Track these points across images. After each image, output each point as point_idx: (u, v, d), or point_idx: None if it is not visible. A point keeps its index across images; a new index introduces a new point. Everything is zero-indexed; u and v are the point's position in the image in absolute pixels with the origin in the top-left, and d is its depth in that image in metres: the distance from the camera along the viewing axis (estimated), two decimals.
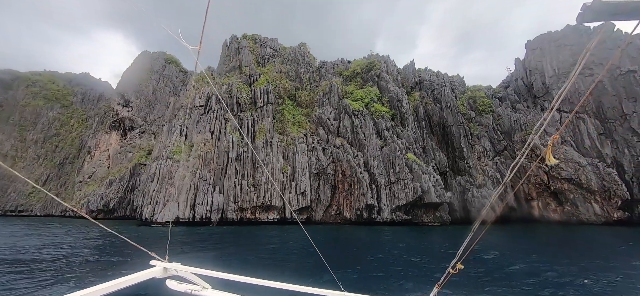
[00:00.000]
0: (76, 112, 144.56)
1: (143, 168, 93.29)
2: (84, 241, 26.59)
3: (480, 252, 18.45)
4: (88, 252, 20.44)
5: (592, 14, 1.10)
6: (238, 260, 18.51)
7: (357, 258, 19.27)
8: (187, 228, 41.22)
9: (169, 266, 2.41)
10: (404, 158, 47.36)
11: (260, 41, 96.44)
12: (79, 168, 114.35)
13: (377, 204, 47.44)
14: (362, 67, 71.46)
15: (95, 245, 23.94)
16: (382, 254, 20.36)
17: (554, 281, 12.18)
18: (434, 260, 17.52)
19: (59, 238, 28.69)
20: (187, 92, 67.54)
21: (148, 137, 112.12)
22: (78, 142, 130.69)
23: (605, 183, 39.38)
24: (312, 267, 15.73)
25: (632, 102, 40.44)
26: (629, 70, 41.24)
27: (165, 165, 45.28)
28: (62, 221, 61.27)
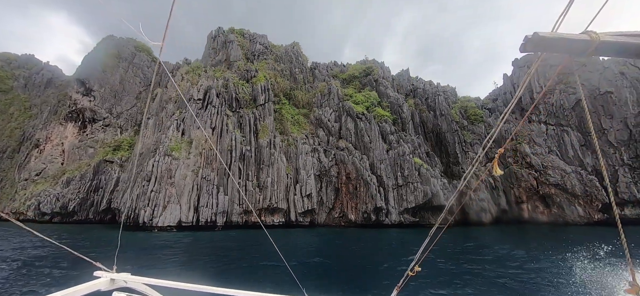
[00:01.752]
0: (17, 99, 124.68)
1: (110, 166, 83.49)
2: (21, 251, 21.57)
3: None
4: (21, 264, 16.97)
5: (531, 46, 1.27)
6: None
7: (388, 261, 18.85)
8: (192, 233, 37.33)
9: (116, 277, 2.20)
10: (412, 162, 48.64)
11: (249, 36, 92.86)
12: (21, 163, 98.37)
13: (385, 206, 47.92)
14: (360, 71, 72.27)
15: (35, 255, 19.89)
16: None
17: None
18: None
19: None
20: (173, 84, 61.77)
21: (113, 131, 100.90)
22: (19, 134, 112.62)
23: (587, 188, 44.82)
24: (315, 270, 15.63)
25: (609, 119, 46.88)
26: (606, 91, 47.87)
27: (164, 162, 40.57)
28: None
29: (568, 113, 50.25)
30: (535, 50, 1.31)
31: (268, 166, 48.83)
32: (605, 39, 1.29)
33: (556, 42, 1.28)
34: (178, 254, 23.26)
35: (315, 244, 28.92)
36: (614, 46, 1.31)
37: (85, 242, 29.13)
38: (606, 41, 1.29)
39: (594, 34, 1.28)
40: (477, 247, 24.89)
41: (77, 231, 41.90)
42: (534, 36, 1.26)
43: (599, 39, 1.28)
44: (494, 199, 51.12)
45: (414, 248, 25.18)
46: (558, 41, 1.28)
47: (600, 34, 1.29)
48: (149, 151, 53.88)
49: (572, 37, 1.29)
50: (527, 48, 1.31)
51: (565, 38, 1.28)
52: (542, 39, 1.26)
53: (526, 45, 1.30)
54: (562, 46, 1.30)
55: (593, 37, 1.28)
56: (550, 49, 1.30)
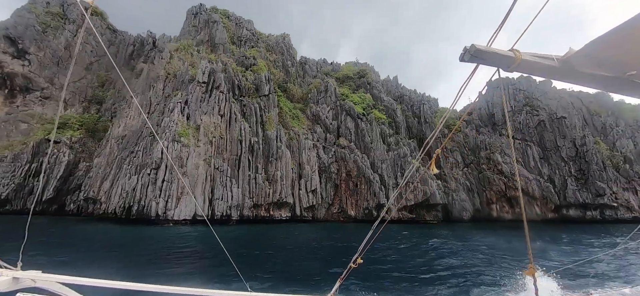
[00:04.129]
0: None
1: (56, 147, 70.63)
2: None
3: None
4: None
5: (469, 56, 1.54)
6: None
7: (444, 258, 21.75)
8: (207, 228, 34.70)
9: (21, 275, 1.96)
10: (412, 164, 52.89)
11: (234, 19, 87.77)
12: None
13: (387, 204, 51.26)
14: (354, 72, 74.63)
15: None
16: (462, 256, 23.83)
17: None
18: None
19: None
20: (162, 60, 55.10)
21: (55, 105, 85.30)
22: None
23: (544, 193, 55.13)
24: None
25: (562, 139, 58.37)
26: (561, 116, 59.57)
27: (173, 149, 36.32)
28: None
29: (532, 130, 60.93)
30: (471, 60, 1.53)
31: (276, 159, 47.69)
32: (525, 58, 1.52)
33: (488, 55, 1.51)
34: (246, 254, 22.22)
35: (337, 237, 30.20)
36: (532, 65, 1.55)
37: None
38: (526, 60, 1.52)
39: (518, 52, 1.51)
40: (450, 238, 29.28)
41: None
42: (471, 47, 1.49)
43: (521, 57, 1.50)
44: (471, 200, 58.87)
45: (413, 240, 28.70)
46: (490, 54, 1.50)
47: (523, 53, 1.51)
48: (135, 134, 47.44)
49: (501, 52, 1.51)
50: (465, 58, 1.53)
51: (495, 52, 1.51)
52: (477, 50, 1.48)
53: (464, 55, 1.52)
54: (493, 59, 1.52)
55: (517, 54, 1.50)
56: (484, 60, 1.53)
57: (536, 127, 61.16)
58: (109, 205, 40.06)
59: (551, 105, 61.59)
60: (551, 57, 1.57)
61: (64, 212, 65.49)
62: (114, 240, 25.99)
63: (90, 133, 76.97)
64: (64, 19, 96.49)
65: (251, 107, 51.11)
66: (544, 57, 1.57)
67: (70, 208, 65.65)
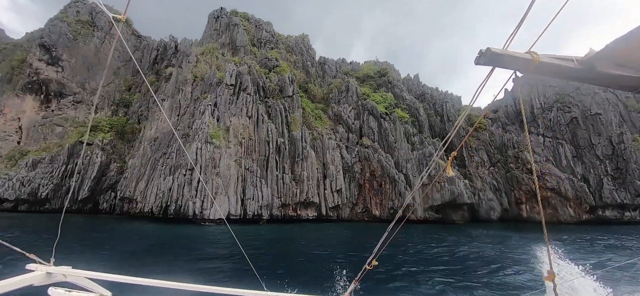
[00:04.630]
0: None
1: (89, 149, 74.09)
2: None
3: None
4: None
5: (484, 59, 1.49)
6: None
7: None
8: (241, 227, 35.59)
9: (54, 270, 2.09)
10: (438, 163, 52.09)
11: (254, 22, 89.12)
12: None
13: (413, 204, 50.80)
14: (374, 71, 74.22)
15: None
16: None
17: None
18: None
19: None
20: (189, 64, 56.81)
21: (87, 109, 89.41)
22: None
23: (578, 193, 53.01)
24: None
25: (597, 136, 55.96)
26: (596, 113, 57.06)
27: (207, 150, 37.51)
28: None
29: (563, 128, 58.66)
30: (487, 63, 1.49)
31: (302, 159, 48.20)
32: (543, 60, 1.48)
33: (504, 58, 1.47)
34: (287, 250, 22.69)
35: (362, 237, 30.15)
36: (550, 67, 1.51)
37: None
38: (544, 62, 1.48)
39: (535, 55, 1.47)
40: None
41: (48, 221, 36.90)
42: (487, 51, 1.46)
43: (538, 60, 1.47)
44: (498, 199, 57.35)
45: (443, 241, 28.04)
46: (506, 57, 1.46)
47: (540, 55, 1.48)
48: (166, 136, 49.21)
49: (518, 55, 1.47)
50: (481, 61, 1.49)
51: (512, 55, 1.46)
52: (493, 53, 1.44)
53: (480, 59, 1.48)
54: (509, 62, 1.48)
55: (534, 57, 1.47)
56: (500, 63, 1.49)
57: (568, 124, 58.80)
58: (145, 205, 41.76)
59: (585, 101, 59.02)
60: (570, 59, 1.54)
61: (97, 210, 68.80)
62: (159, 238, 27.07)
63: (119, 135, 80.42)
64: (92, 27, 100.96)
65: (276, 108, 51.86)
66: (563, 58, 1.54)
67: (104, 207, 68.91)
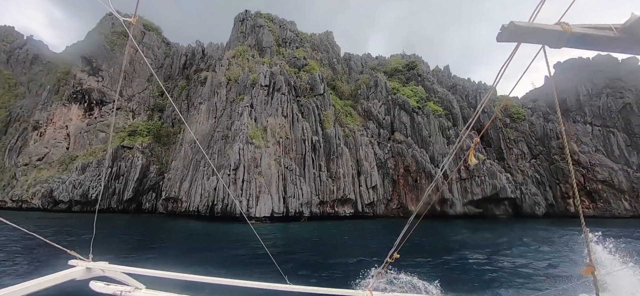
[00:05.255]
0: (0, 75, 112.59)
1: (129, 153, 78.55)
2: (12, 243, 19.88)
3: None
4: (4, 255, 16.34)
5: (508, 35, 1.35)
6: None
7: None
8: (284, 224, 36.40)
9: (93, 265, 2.22)
10: (477, 157, 50.35)
11: (278, 22, 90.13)
12: (12, 147, 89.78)
13: (451, 198, 49.50)
14: (402, 65, 72.76)
15: (8, 246, 18.80)
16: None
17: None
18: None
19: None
20: (222, 67, 58.65)
21: (125, 114, 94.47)
22: (5, 114, 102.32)
23: (634, 185, 49.25)
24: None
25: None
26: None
27: (248, 150, 38.69)
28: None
29: (614, 115, 54.54)
30: (511, 39, 1.38)
31: (337, 157, 48.33)
32: (576, 31, 1.37)
33: (531, 32, 1.35)
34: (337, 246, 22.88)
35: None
36: (584, 38, 1.39)
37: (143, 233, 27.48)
38: (577, 33, 1.37)
39: (567, 26, 1.36)
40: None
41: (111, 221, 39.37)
42: (510, 25, 1.34)
43: (570, 31, 1.36)
44: (543, 194, 54.44)
45: (485, 237, 26.91)
46: (533, 31, 1.35)
47: (572, 26, 1.37)
48: (206, 137, 51.16)
49: (546, 27, 1.36)
50: (504, 37, 1.37)
51: (539, 28, 1.35)
52: (518, 28, 1.33)
53: (503, 34, 1.37)
54: (537, 36, 1.37)
55: (565, 28, 1.36)
56: (526, 38, 1.37)
57: (620, 111, 54.51)
58: (190, 204, 43.73)
59: (639, 85, 54.34)
60: (608, 27, 1.40)
61: (141, 210, 73.06)
62: (212, 236, 28.22)
63: (156, 138, 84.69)
64: (126, 37, 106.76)
65: (309, 107, 52.28)
66: (600, 27, 1.40)
67: (146, 207, 73.03)
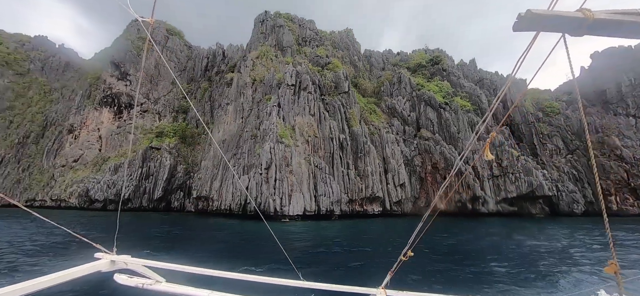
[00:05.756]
0: (35, 82, 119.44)
1: (157, 153, 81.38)
2: (35, 236, 22.16)
3: None
4: (33, 246, 18.14)
5: (525, 24, 1.26)
6: None
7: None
8: (316, 222, 36.58)
9: (116, 258, 2.30)
10: (511, 153, 48.56)
11: (297, 21, 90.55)
12: (50, 149, 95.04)
13: (483, 196, 47.97)
14: (426, 60, 71.17)
15: (45, 240, 20.77)
16: None
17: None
18: None
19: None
20: (247, 68, 59.57)
21: (152, 117, 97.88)
22: (41, 119, 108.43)
23: None
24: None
25: None
26: None
27: (279, 149, 39.15)
28: (18, 213, 47.18)
29: None
30: (529, 28, 1.28)
31: (364, 155, 47.96)
32: (599, 17, 1.27)
33: (550, 19, 1.26)
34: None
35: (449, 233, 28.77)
36: (609, 24, 1.29)
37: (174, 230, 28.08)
38: (600, 19, 1.27)
39: (588, 12, 1.27)
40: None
41: (145, 219, 40.76)
42: (527, 13, 1.24)
43: (593, 17, 1.26)
44: (581, 191, 51.74)
45: (516, 236, 25.49)
46: (552, 18, 1.26)
47: (595, 12, 1.27)
48: (234, 137, 52.17)
49: (566, 14, 1.27)
50: (521, 26, 1.28)
51: (559, 15, 1.26)
52: (536, 16, 1.24)
53: (519, 23, 1.27)
54: (556, 23, 1.28)
55: (587, 14, 1.26)
56: (544, 26, 1.28)
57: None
58: (222, 202, 44.76)
59: None
60: (636, 12, 1.28)
61: (170, 208, 75.71)
62: (250, 234, 28.74)
63: (181, 139, 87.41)
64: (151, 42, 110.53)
65: (334, 105, 52.16)
66: (627, 12, 1.29)
67: (175, 205, 75.62)
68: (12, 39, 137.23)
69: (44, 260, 14.73)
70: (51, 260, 14.69)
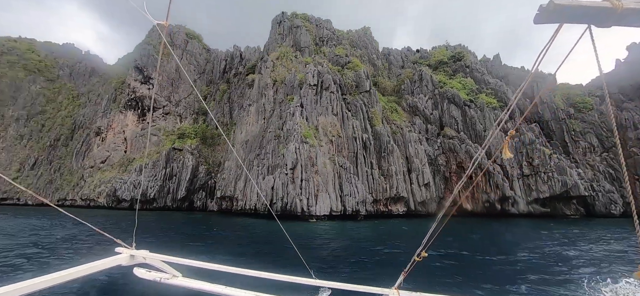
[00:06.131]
0: (64, 88, 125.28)
1: (180, 154, 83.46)
2: (63, 232, 23.71)
3: None
4: (60, 241, 19.39)
5: (546, 16, 1.19)
6: None
7: None
8: (341, 223, 36.35)
9: (136, 253, 2.36)
10: (543, 151, 46.62)
11: (314, 21, 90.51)
12: (78, 151, 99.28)
13: (513, 196, 46.29)
14: (448, 56, 69.51)
15: (72, 236, 22.19)
16: None
17: None
18: None
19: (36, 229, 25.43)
20: (267, 69, 60.15)
21: (174, 119, 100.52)
22: (70, 122, 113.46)
23: None
24: None
25: None
26: None
27: (304, 150, 39.29)
28: (51, 212, 49.74)
29: None
30: (550, 20, 1.20)
31: (388, 154, 47.32)
32: (629, 6, 1.18)
33: (575, 10, 1.17)
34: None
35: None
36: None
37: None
38: (630, 8, 1.18)
39: (617, 2, 1.18)
40: None
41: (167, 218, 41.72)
42: (549, 4, 1.16)
43: (622, 7, 1.17)
44: (619, 191, 48.98)
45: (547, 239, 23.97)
46: (577, 9, 1.18)
47: (624, 2, 1.18)
48: (256, 138, 52.79)
49: (592, 5, 1.18)
50: (543, 18, 1.20)
51: (584, 5, 1.18)
52: (559, 6, 1.16)
53: (541, 16, 1.19)
54: (582, 14, 1.19)
55: (616, 4, 1.18)
56: (568, 18, 1.20)
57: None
58: (246, 202, 45.34)
59: None
60: None
61: (193, 208, 77.62)
62: (271, 233, 28.83)
63: (202, 140, 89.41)
64: (172, 46, 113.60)
65: (356, 104, 51.79)
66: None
67: (197, 205, 77.44)
68: (43, 48, 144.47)
69: (70, 253, 16.08)
70: (77, 253, 15.94)
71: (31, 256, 14.62)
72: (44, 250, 16.71)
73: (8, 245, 17.60)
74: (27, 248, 16.76)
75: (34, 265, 12.94)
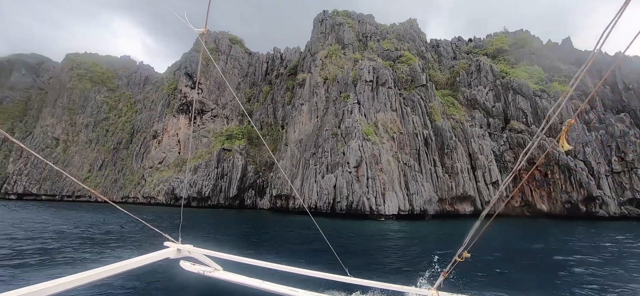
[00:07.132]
0: (123, 96, 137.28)
1: (229, 154, 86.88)
2: (122, 226, 25.72)
3: None
4: (118, 235, 21.13)
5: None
6: None
7: None
8: (408, 223, 34.79)
9: (182, 247, 2.48)
10: (638, 144, 40.78)
11: (356, 17, 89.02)
12: (137, 153, 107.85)
13: (601, 196, 41.04)
14: (509, 43, 64.05)
15: (129, 230, 23.92)
16: None
17: None
18: None
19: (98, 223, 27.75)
20: (317, 68, 60.20)
21: (221, 121, 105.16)
22: (129, 127, 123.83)
23: None
24: None
25: None
26: None
27: (367, 147, 38.48)
28: (116, 208, 53.76)
29: None
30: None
31: (451, 151, 44.62)
32: None
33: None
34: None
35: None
36: None
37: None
38: None
39: None
40: None
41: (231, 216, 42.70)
42: None
43: None
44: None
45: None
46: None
47: None
48: (310, 137, 53.01)
49: None
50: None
51: None
52: None
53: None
54: None
55: None
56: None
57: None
58: (305, 200, 45.54)
59: None
60: None
61: (243, 206, 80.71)
62: (339, 232, 28.10)
63: (249, 141, 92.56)
64: (217, 52, 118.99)
65: (413, 99, 49.63)
66: None
67: (247, 203, 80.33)
68: (104, 61, 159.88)
69: (126, 244, 17.89)
70: (130, 246, 17.58)
71: (93, 246, 16.83)
72: (96, 244, 18.49)
73: (76, 233, 20.26)
74: (86, 241, 18.90)
75: (94, 255, 14.54)
